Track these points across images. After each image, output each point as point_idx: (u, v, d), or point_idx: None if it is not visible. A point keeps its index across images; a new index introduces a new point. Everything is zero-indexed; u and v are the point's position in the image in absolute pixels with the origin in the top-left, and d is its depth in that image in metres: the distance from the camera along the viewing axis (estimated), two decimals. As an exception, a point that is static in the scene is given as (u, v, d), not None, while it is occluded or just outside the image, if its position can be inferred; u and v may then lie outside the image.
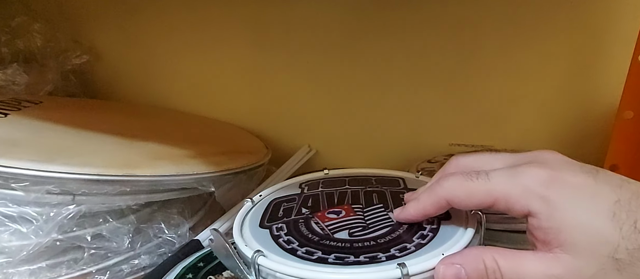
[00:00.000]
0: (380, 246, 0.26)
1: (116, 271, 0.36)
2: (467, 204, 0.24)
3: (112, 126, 0.46)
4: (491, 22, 0.47)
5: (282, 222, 0.30)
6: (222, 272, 0.33)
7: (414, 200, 0.27)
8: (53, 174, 0.32)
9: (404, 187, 0.35)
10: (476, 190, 0.24)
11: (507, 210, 0.23)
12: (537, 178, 0.22)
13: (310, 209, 0.32)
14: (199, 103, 0.62)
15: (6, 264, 0.32)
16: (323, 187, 0.36)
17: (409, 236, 0.27)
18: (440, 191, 0.25)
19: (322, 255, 0.25)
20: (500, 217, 0.37)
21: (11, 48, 0.59)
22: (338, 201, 0.33)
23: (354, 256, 0.25)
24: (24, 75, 0.55)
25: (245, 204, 0.32)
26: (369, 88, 0.54)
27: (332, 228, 0.29)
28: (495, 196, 0.23)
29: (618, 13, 0.43)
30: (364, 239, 0.27)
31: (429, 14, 0.48)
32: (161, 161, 0.38)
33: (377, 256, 0.25)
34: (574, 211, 0.21)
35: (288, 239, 0.27)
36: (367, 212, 0.31)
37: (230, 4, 0.55)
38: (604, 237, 0.20)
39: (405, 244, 0.26)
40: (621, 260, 0.20)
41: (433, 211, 0.26)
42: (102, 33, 0.62)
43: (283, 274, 0.24)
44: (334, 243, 0.27)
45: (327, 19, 0.52)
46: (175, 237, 0.39)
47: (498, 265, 0.22)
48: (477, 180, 0.24)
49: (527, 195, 0.22)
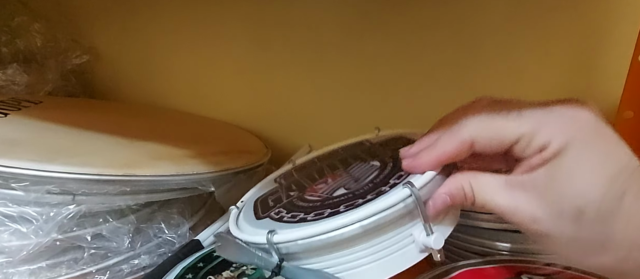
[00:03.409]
0: (379, 184, 0.26)
1: (116, 271, 0.36)
2: (490, 144, 0.23)
3: (112, 126, 0.46)
4: (491, 22, 0.47)
5: (278, 208, 0.29)
6: (222, 272, 0.33)
7: (430, 147, 0.25)
8: (53, 174, 0.32)
9: (371, 144, 0.36)
10: (505, 127, 0.22)
11: (523, 149, 0.22)
12: (572, 118, 0.22)
13: (298, 190, 0.32)
14: (199, 103, 0.62)
15: (6, 264, 0.32)
16: (297, 173, 0.36)
17: (399, 168, 0.27)
18: (465, 133, 0.23)
19: (332, 210, 0.25)
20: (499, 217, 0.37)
21: (11, 48, 0.59)
22: (319, 175, 0.33)
23: (361, 198, 0.25)
24: (24, 75, 0.55)
25: (232, 211, 0.32)
26: (369, 87, 0.54)
27: (329, 191, 0.29)
28: (522, 132, 0.22)
29: (618, 13, 0.43)
30: (361, 186, 0.27)
31: (429, 13, 0.48)
32: (161, 161, 0.38)
33: (382, 189, 0.25)
34: (579, 162, 0.21)
35: (292, 215, 0.27)
36: (350, 170, 0.31)
37: (230, 4, 0.55)
38: (587, 193, 0.20)
39: (400, 174, 0.26)
40: (585, 214, 0.20)
41: (455, 156, 0.24)
42: (102, 33, 0.62)
43: (305, 238, 0.23)
44: (337, 198, 0.27)
45: (327, 19, 0.52)
46: (175, 237, 0.39)
47: (472, 191, 0.24)
48: (507, 117, 0.23)
49: (553, 134, 0.21)
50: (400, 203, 0.23)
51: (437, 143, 0.25)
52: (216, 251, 0.27)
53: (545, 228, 0.22)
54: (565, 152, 0.21)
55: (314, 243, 0.23)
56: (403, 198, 0.23)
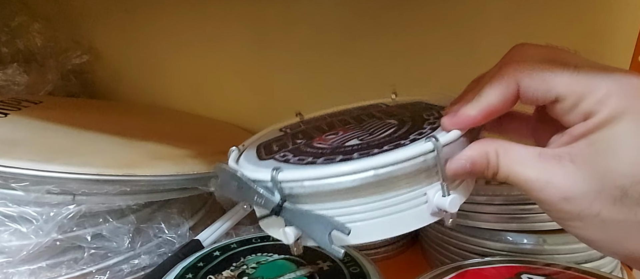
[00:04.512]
0: (398, 137, 0.24)
1: (116, 271, 0.36)
2: (536, 93, 0.21)
3: (112, 126, 0.46)
4: (491, 22, 0.47)
5: (283, 152, 0.27)
6: (222, 271, 0.33)
7: (473, 100, 0.23)
8: (53, 174, 0.32)
9: (387, 106, 0.34)
10: (557, 78, 0.20)
11: (567, 110, 0.20)
12: (632, 86, 0.19)
13: (305, 139, 0.29)
14: (199, 103, 0.62)
15: (6, 264, 0.32)
16: (305, 125, 0.33)
17: (419, 126, 0.25)
18: (510, 77, 0.21)
19: (345, 157, 0.23)
20: (500, 217, 0.37)
21: (11, 48, 0.59)
22: (329, 128, 0.30)
23: (377, 148, 0.23)
24: (24, 75, 0.55)
25: (232, 152, 0.28)
26: (369, 88, 0.54)
27: (340, 141, 0.26)
28: (575, 90, 0.20)
29: (618, 13, 0.43)
30: (376, 139, 0.25)
31: (429, 13, 0.48)
32: (161, 161, 0.38)
33: (400, 143, 0.23)
34: (630, 136, 0.19)
35: (299, 158, 0.24)
36: (364, 125, 0.29)
37: (230, 3, 0.55)
38: (633, 171, 0.19)
39: (421, 131, 0.24)
40: (629, 194, 0.19)
41: (500, 105, 0.22)
42: (102, 33, 0.62)
43: (312, 179, 0.21)
44: (349, 147, 0.24)
45: (327, 19, 0.52)
46: (175, 237, 0.39)
47: (498, 159, 0.22)
48: (561, 68, 0.20)
49: (607, 99, 0.19)
50: (421, 156, 0.21)
51: (481, 94, 0.22)
52: (213, 188, 0.25)
53: (577, 207, 0.20)
54: (614, 123, 0.19)
55: (322, 187, 0.21)
56: (425, 151, 0.21)
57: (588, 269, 0.32)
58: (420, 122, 0.26)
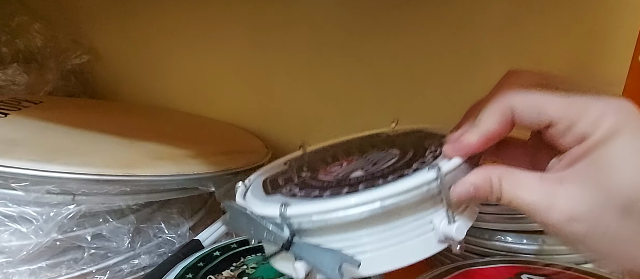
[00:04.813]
0: (401, 167, 0.25)
1: (116, 271, 0.36)
2: (531, 118, 0.21)
3: (112, 126, 0.46)
4: (492, 22, 0.47)
5: (289, 186, 0.27)
6: (222, 271, 0.33)
7: (472, 127, 0.23)
8: (53, 174, 0.32)
9: (388, 136, 0.35)
10: (550, 103, 0.21)
11: (562, 133, 0.21)
12: (622, 108, 0.20)
13: (310, 172, 0.30)
14: (199, 103, 0.62)
15: (6, 264, 0.32)
16: (308, 157, 0.34)
17: (421, 155, 0.26)
18: (504, 103, 0.22)
19: (351, 189, 0.23)
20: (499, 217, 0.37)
21: (11, 48, 0.59)
22: (332, 160, 0.31)
23: (381, 179, 0.24)
24: (24, 75, 0.55)
25: (239, 188, 0.29)
26: (370, 88, 0.54)
27: (344, 173, 0.27)
28: (568, 114, 0.20)
29: (618, 13, 0.43)
30: (381, 169, 0.26)
31: (429, 13, 0.48)
32: (161, 161, 0.39)
33: (404, 172, 0.24)
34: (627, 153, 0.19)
35: (306, 192, 0.25)
36: (367, 156, 0.29)
37: (230, 4, 0.55)
38: (636, 186, 0.19)
39: (423, 160, 0.25)
40: (632, 213, 0.19)
41: (498, 130, 0.23)
42: (102, 33, 0.62)
43: (320, 213, 0.22)
44: (354, 179, 0.25)
45: (327, 19, 0.52)
46: (175, 237, 0.39)
47: (501, 184, 0.22)
48: (553, 93, 0.21)
49: (600, 121, 0.20)
50: (425, 185, 0.22)
51: (479, 120, 0.23)
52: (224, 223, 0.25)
53: (584, 226, 0.20)
54: (610, 141, 0.19)
55: (330, 220, 0.22)
56: (428, 180, 0.22)
57: (588, 270, 0.32)
58: (422, 151, 0.27)
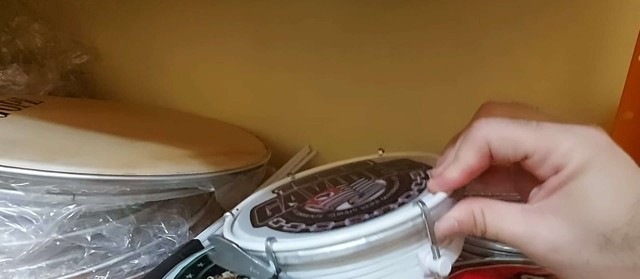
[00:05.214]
0: (387, 201, 0.25)
1: (116, 271, 0.36)
2: (506, 151, 0.22)
3: (112, 126, 0.46)
4: (491, 22, 0.47)
5: (276, 217, 0.28)
6: (222, 273, 0.33)
7: (453, 162, 0.24)
8: (53, 174, 0.32)
9: (374, 164, 0.35)
10: (523, 137, 0.21)
11: (537, 165, 0.22)
12: (592, 139, 0.21)
13: (297, 202, 0.30)
14: (199, 103, 0.62)
15: (6, 264, 0.32)
16: (296, 186, 0.35)
17: (407, 188, 0.27)
18: (480, 137, 0.23)
19: (337, 224, 0.24)
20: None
21: (11, 48, 0.59)
22: (320, 189, 0.32)
23: (367, 214, 0.24)
24: (24, 75, 0.55)
25: (227, 218, 0.31)
26: (370, 88, 0.54)
27: (331, 204, 0.27)
28: (541, 147, 0.21)
29: (618, 13, 0.43)
30: (367, 202, 0.26)
31: (429, 13, 0.48)
32: (161, 161, 0.38)
33: (389, 207, 0.24)
34: (601, 184, 0.20)
35: (292, 225, 0.25)
36: (355, 186, 0.30)
37: (230, 4, 0.55)
38: (611, 218, 0.19)
39: (408, 193, 0.26)
40: (612, 241, 0.19)
41: (478, 164, 0.23)
42: (102, 33, 0.62)
43: (306, 249, 0.22)
44: (341, 212, 0.25)
45: (327, 19, 0.52)
46: (175, 237, 0.39)
47: (484, 218, 0.23)
48: (525, 126, 0.22)
49: (572, 152, 0.20)
50: (410, 221, 0.22)
51: (458, 155, 0.24)
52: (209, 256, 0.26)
53: (567, 257, 0.21)
54: (584, 174, 0.20)
55: (316, 256, 0.22)
56: (413, 216, 0.22)
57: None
58: (408, 182, 0.28)
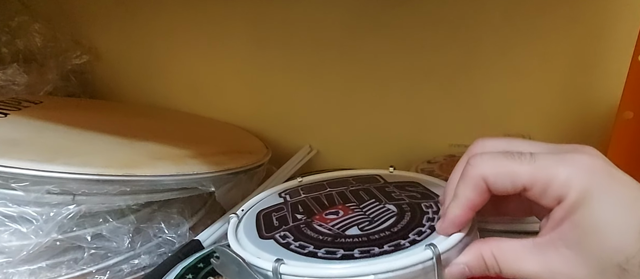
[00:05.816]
0: (397, 234, 0.25)
1: (116, 271, 0.36)
2: (504, 186, 0.22)
3: (112, 126, 0.46)
4: (491, 22, 0.47)
5: (283, 230, 0.28)
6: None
7: (453, 201, 0.24)
8: (53, 174, 0.32)
9: (385, 182, 0.35)
10: (519, 171, 0.21)
11: (539, 196, 0.21)
12: (588, 166, 0.20)
13: (305, 214, 0.30)
14: (199, 103, 0.62)
15: (6, 264, 0.32)
16: (304, 193, 0.35)
17: (418, 222, 0.27)
18: (476, 174, 0.23)
19: (346, 252, 0.24)
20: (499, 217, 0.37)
21: (11, 48, 0.59)
22: (329, 203, 0.32)
23: (377, 247, 0.24)
24: (24, 75, 0.55)
25: (232, 220, 0.31)
26: (370, 88, 0.54)
27: (340, 227, 0.28)
28: (538, 179, 0.21)
29: (618, 13, 0.43)
30: (377, 231, 0.26)
31: (429, 13, 0.48)
32: (161, 162, 0.38)
33: (400, 243, 0.24)
34: (606, 213, 0.20)
35: (300, 244, 0.26)
36: (365, 208, 0.30)
37: (230, 4, 0.55)
38: (623, 247, 0.19)
39: (420, 229, 0.26)
40: (628, 271, 0.19)
41: (477, 199, 0.23)
42: (102, 33, 0.62)
43: (316, 278, 0.22)
44: (350, 239, 0.26)
45: (327, 18, 0.52)
46: (175, 237, 0.39)
47: (496, 261, 0.23)
48: (519, 160, 0.22)
49: (570, 183, 0.20)
50: (420, 264, 0.22)
51: (457, 192, 0.24)
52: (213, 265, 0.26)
53: None
54: (587, 203, 0.20)
55: None
56: (423, 259, 0.22)
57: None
58: (420, 215, 0.27)
